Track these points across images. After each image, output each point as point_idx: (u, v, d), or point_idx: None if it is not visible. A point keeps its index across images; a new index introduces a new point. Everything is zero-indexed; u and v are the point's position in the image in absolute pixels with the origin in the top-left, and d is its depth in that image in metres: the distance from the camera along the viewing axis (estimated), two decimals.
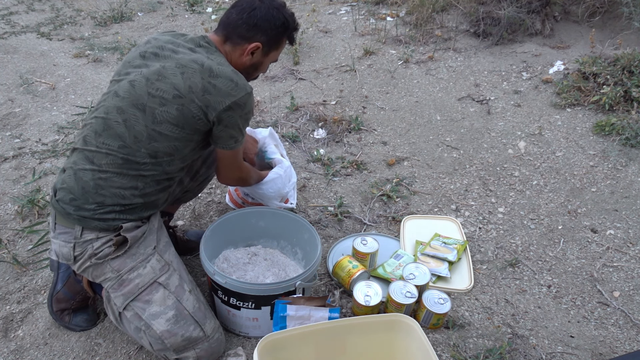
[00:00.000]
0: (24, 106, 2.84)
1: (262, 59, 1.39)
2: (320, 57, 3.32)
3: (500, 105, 2.69)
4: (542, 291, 1.64)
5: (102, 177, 1.23)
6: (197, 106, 1.22)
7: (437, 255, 1.72)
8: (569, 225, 1.92)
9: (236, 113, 1.26)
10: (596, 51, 2.89)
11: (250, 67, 1.39)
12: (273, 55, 1.41)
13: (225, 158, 1.39)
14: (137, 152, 1.24)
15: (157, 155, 1.26)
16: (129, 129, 1.23)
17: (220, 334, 1.35)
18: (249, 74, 1.39)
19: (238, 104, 1.25)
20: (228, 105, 1.23)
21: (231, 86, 1.23)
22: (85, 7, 4.60)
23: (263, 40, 1.34)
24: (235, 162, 1.42)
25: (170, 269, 1.31)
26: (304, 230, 1.56)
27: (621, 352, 1.43)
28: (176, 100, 1.22)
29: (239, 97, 1.24)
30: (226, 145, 1.32)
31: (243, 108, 1.27)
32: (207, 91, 1.22)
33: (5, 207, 2.02)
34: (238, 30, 1.32)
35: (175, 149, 1.27)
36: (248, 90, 1.26)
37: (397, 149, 2.41)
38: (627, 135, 2.30)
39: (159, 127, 1.23)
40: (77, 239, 1.25)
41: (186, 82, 1.22)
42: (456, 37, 3.35)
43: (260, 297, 1.33)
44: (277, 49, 1.40)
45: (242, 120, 1.29)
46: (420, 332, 1.18)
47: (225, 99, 1.23)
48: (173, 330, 1.24)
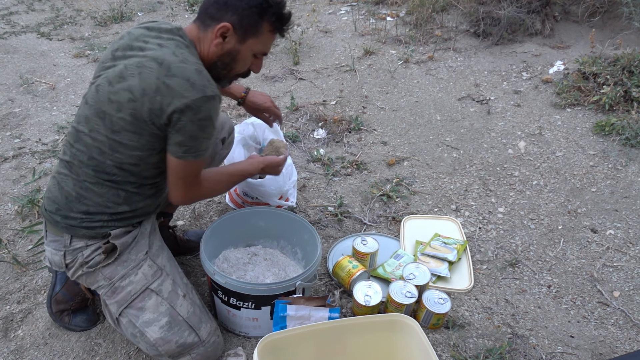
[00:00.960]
0: (24, 106, 2.84)
1: (238, 46, 1.19)
2: (320, 57, 3.32)
3: (500, 105, 2.69)
4: (542, 291, 1.64)
5: (82, 186, 1.21)
6: (147, 109, 1.10)
7: (437, 255, 1.72)
8: (569, 225, 1.92)
9: (186, 117, 1.08)
10: (596, 51, 2.89)
11: (226, 56, 1.20)
12: (253, 45, 1.20)
13: (171, 168, 1.19)
14: (103, 163, 1.18)
15: (123, 167, 1.19)
16: (94, 140, 1.17)
17: (217, 337, 1.33)
18: (226, 67, 1.22)
19: (190, 107, 1.08)
20: (178, 106, 1.07)
21: (185, 86, 1.07)
22: (85, 7, 4.60)
23: (234, 20, 1.15)
24: (182, 177, 1.20)
25: (163, 274, 1.28)
26: (304, 230, 1.56)
27: (621, 352, 1.43)
28: (130, 104, 1.11)
29: (191, 99, 1.07)
30: (173, 152, 1.15)
31: (196, 112, 1.08)
32: (159, 92, 1.08)
33: (5, 207, 2.02)
34: (209, 10, 1.17)
35: (139, 159, 1.18)
36: (207, 94, 1.09)
37: (397, 149, 2.41)
38: (627, 135, 2.30)
39: (118, 137, 1.14)
40: (66, 247, 1.24)
41: (141, 84, 1.09)
42: (456, 37, 3.35)
43: (260, 297, 1.33)
44: (257, 36, 1.19)
45: (194, 127, 1.10)
46: (420, 332, 1.18)
47: (175, 100, 1.07)
48: (167, 337, 1.23)
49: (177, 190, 1.23)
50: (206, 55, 1.19)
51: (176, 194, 1.24)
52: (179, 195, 1.24)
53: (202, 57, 1.19)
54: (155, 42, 1.15)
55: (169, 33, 1.17)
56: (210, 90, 1.10)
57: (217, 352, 1.34)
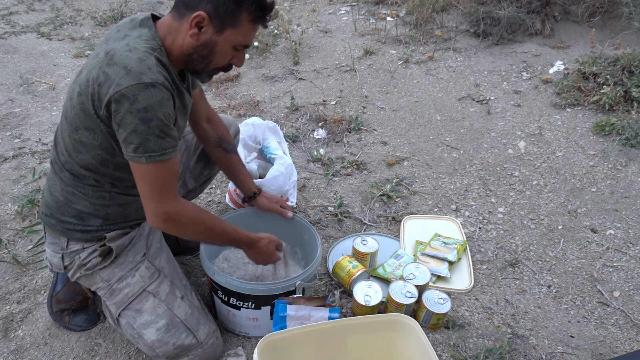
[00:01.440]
0: (24, 106, 2.84)
1: (215, 37, 1.09)
2: (320, 57, 3.32)
3: (500, 105, 2.69)
4: (542, 291, 1.64)
5: (67, 190, 1.20)
6: (91, 101, 1.04)
7: (437, 255, 1.72)
8: (569, 225, 1.92)
9: (123, 107, 1.00)
10: (596, 51, 2.89)
11: (202, 48, 1.10)
12: (232, 36, 1.10)
13: (135, 177, 1.09)
14: (73, 167, 1.15)
15: (90, 168, 1.15)
16: (63, 141, 1.15)
17: (215, 338, 1.32)
18: (204, 60, 1.13)
19: (125, 95, 0.99)
20: (112, 95, 0.99)
21: (121, 74, 0.99)
22: (85, 7, 4.60)
23: (210, 9, 1.06)
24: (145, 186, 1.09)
25: (160, 276, 1.28)
26: (304, 231, 1.56)
27: (621, 352, 1.43)
28: (79, 98, 1.06)
29: (125, 86, 0.98)
30: (127, 154, 1.06)
31: (132, 102, 0.99)
32: (98, 80, 1.02)
33: (5, 207, 2.02)
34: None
35: (103, 159, 1.13)
36: (143, 80, 0.99)
37: (397, 149, 2.41)
38: (627, 135, 2.30)
39: (77, 135, 1.10)
40: (64, 249, 1.24)
41: (87, 75, 1.04)
42: (456, 37, 3.35)
43: (260, 297, 1.33)
44: (235, 26, 1.09)
45: (134, 120, 1.00)
46: (420, 332, 1.18)
47: (110, 89, 1.00)
48: (164, 340, 1.22)
49: (146, 204, 1.10)
50: (181, 46, 1.11)
51: (146, 208, 1.11)
52: (149, 210, 1.10)
53: (176, 49, 1.11)
54: (123, 33, 1.10)
55: (140, 24, 1.11)
56: (148, 77, 1.00)
57: (215, 354, 1.34)
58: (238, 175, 1.54)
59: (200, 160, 1.57)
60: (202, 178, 1.62)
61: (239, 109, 2.76)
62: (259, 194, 1.57)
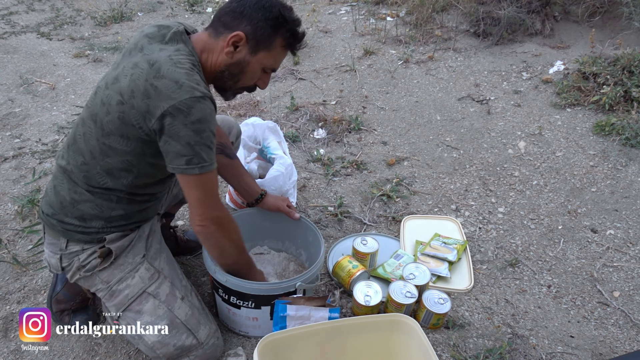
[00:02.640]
0: (24, 106, 2.84)
1: (249, 57, 1.15)
2: (320, 57, 3.32)
3: (500, 105, 2.69)
4: (542, 291, 1.64)
5: (76, 191, 1.20)
6: (137, 112, 1.06)
7: (437, 255, 1.72)
8: (569, 225, 1.92)
9: (177, 120, 1.03)
10: (596, 51, 2.89)
11: (235, 67, 1.16)
12: (264, 58, 1.17)
13: (185, 187, 1.12)
14: (93, 169, 1.16)
15: (113, 172, 1.17)
16: (87, 144, 1.15)
17: (216, 339, 1.32)
18: (234, 78, 1.19)
19: (179, 108, 1.02)
20: (166, 109, 1.02)
21: (173, 88, 1.03)
22: (85, 7, 4.60)
23: (248, 30, 1.12)
24: (195, 196, 1.13)
25: (160, 277, 1.28)
26: (308, 232, 1.55)
27: (621, 352, 1.43)
28: (118, 107, 1.08)
29: (179, 100, 1.02)
30: (177, 167, 1.08)
31: (187, 115, 1.03)
32: (147, 94, 1.04)
33: (5, 207, 2.02)
34: (223, 19, 1.15)
35: (130, 164, 1.15)
36: (196, 95, 1.03)
37: (397, 149, 2.41)
38: (627, 135, 2.30)
39: (108, 140, 1.12)
40: (62, 250, 1.24)
41: (130, 85, 1.06)
42: (456, 37, 3.35)
43: (260, 296, 1.33)
44: (269, 50, 1.16)
45: (188, 132, 1.04)
46: (420, 332, 1.18)
47: (163, 103, 1.03)
48: (164, 341, 1.22)
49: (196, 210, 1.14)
50: (214, 63, 1.16)
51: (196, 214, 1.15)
52: (200, 214, 1.14)
53: (209, 65, 1.17)
54: (158, 41, 1.12)
55: (174, 35, 1.14)
56: (199, 91, 1.05)
57: (216, 354, 1.34)
58: (243, 179, 1.55)
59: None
60: None
61: (239, 109, 2.76)
62: (265, 195, 1.59)
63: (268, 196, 1.60)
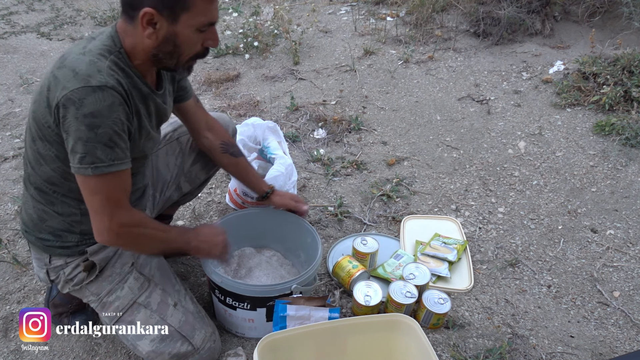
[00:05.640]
0: (24, 106, 2.84)
1: (173, 28, 1.00)
2: (320, 57, 3.32)
3: (500, 105, 2.69)
4: (542, 291, 1.64)
5: (39, 208, 1.15)
6: (42, 109, 0.98)
7: (437, 255, 1.72)
8: (569, 225, 1.92)
9: (69, 113, 0.93)
10: (596, 51, 2.89)
11: (165, 45, 1.02)
12: (190, 20, 1.00)
13: (82, 190, 1.01)
14: (37, 179, 1.11)
15: (53, 181, 1.09)
16: (26, 154, 1.11)
17: (212, 342, 1.29)
18: (173, 55, 1.05)
19: (70, 99, 0.92)
20: (59, 100, 0.93)
21: (69, 77, 0.93)
22: (85, 7, 4.60)
23: (153, 2, 0.96)
24: (92, 202, 1.01)
25: (150, 286, 1.25)
26: (307, 234, 1.55)
27: (621, 352, 1.43)
28: (32, 106, 1.01)
29: (71, 89, 0.92)
30: (72, 166, 0.98)
31: (78, 107, 0.92)
32: (49, 86, 0.97)
33: (5, 207, 2.02)
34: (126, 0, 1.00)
35: (64, 172, 1.05)
36: (90, 84, 0.92)
37: (397, 149, 2.41)
38: (627, 135, 2.30)
39: (35, 146, 1.05)
40: (47, 265, 1.22)
41: (41, 83, 0.99)
42: (456, 37, 3.35)
43: (256, 298, 1.32)
44: (189, 9, 0.98)
45: (80, 126, 0.93)
46: (420, 332, 1.18)
47: (58, 93, 0.94)
48: (159, 350, 1.20)
49: (96, 220, 1.02)
50: (143, 49, 1.03)
51: (96, 225, 1.03)
52: (100, 225, 1.02)
53: (139, 52, 1.04)
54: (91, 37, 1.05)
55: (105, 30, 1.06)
56: (96, 80, 0.93)
57: (213, 357, 1.32)
58: (249, 176, 1.52)
59: (196, 163, 1.53)
60: (197, 182, 1.57)
61: (239, 109, 2.76)
62: (272, 192, 1.55)
63: (275, 194, 1.56)
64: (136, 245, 1.14)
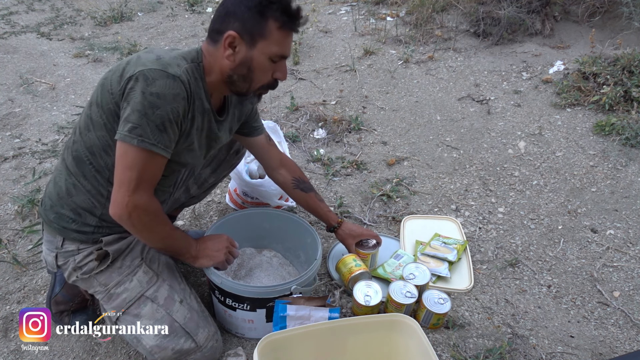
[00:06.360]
0: (24, 106, 2.84)
1: (250, 52, 1.11)
2: (320, 57, 3.32)
3: (500, 105, 2.69)
4: (542, 291, 1.64)
5: (71, 181, 1.20)
6: (114, 76, 1.08)
7: (437, 255, 1.72)
8: (569, 225, 1.92)
9: (138, 86, 1.01)
10: (596, 51, 2.89)
11: (240, 67, 1.13)
12: (265, 47, 1.11)
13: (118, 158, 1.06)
14: (80, 147, 1.16)
15: (93, 151, 1.14)
16: (79, 121, 1.17)
17: (214, 341, 1.30)
18: (246, 79, 1.15)
19: (145, 75, 1.01)
20: (134, 73, 1.03)
21: (151, 59, 1.04)
22: (85, 7, 4.60)
23: (237, 27, 1.08)
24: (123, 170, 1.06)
25: (159, 280, 1.27)
26: (307, 235, 1.55)
27: (621, 352, 1.43)
28: (107, 74, 1.11)
29: (149, 67, 1.02)
30: (119, 133, 1.04)
31: (149, 84, 1.01)
32: (129, 62, 1.08)
33: (5, 207, 2.02)
34: (214, 26, 1.13)
35: (106, 143, 1.12)
36: (168, 70, 1.03)
37: (397, 149, 2.41)
38: (627, 135, 2.30)
39: (89, 110, 1.13)
40: (58, 249, 1.24)
41: (124, 60, 1.11)
42: (456, 37, 3.35)
43: (255, 299, 1.32)
44: (265, 37, 1.09)
45: (143, 100, 1.01)
46: (420, 332, 1.18)
47: (135, 68, 1.04)
48: (163, 345, 1.21)
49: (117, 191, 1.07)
50: (220, 70, 1.14)
51: (115, 196, 1.07)
52: (118, 197, 1.07)
53: (216, 72, 1.15)
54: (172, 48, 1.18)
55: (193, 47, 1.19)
56: (173, 70, 1.04)
57: (214, 356, 1.33)
58: (318, 210, 1.61)
59: (207, 167, 1.56)
60: (206, 185, 1.61)
61: None
62: (338, 227, 1.64)
63: (342, 229, 1.63)
64: (143, 230, 1.15)
